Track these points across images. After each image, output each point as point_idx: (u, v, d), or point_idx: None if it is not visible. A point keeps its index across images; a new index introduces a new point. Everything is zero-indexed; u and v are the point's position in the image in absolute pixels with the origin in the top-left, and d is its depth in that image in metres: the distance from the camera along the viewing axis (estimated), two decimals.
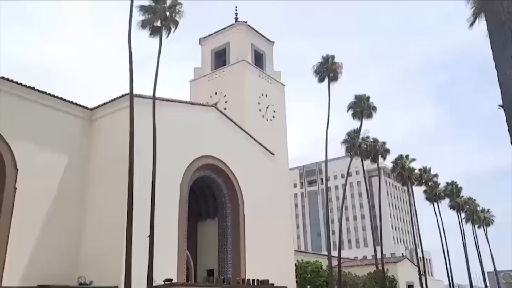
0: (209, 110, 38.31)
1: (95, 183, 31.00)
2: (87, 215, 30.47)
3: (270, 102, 47.51)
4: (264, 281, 34.70)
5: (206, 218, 39.65)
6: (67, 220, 29.54)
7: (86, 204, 30.80)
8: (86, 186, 31.27)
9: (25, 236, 26.91)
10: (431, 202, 73.87)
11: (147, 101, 29.72)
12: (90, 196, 30.91)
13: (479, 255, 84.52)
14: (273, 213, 41.07)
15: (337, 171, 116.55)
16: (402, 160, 63.98)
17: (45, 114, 30.07)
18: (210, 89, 46.92)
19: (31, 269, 26.49)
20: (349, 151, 51.97)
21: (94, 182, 31.15)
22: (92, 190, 30.97)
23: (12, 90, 28.46)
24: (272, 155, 43.71)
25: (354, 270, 58.94)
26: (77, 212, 30.32)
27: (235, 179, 38.10)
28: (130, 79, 26.69)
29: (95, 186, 30.96)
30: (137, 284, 23.69)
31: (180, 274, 30.48)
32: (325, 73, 45.71)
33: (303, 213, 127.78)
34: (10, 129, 27.69)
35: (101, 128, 32.48)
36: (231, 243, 37.09)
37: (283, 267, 40.32)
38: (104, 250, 28.12)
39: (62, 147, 30.51)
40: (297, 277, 45.04)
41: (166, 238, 29.45)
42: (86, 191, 31.17)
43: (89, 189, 31.18)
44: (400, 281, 61.57)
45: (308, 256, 59.37)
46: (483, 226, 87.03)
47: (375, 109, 49.41)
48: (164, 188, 29.38)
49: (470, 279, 79.05)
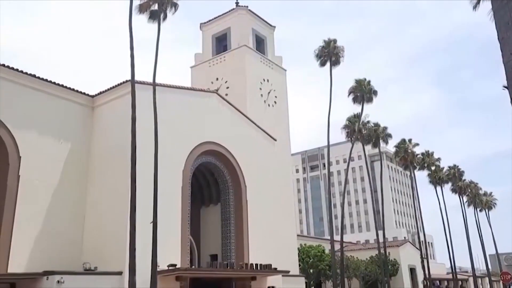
0: (211, 96, 38.19)
1: (98, 170, 31.11)
2: (91, 202, 30.65)
3: (271, 87, 47.31)
4: (267, 266, 35.00)
5: (209, 204, 39.83)
6: (70, 207, 29.74)
7: (89, 191, 30.96)
8: (89, 173, 31.39)
9: (29, 223, 27.13)
10: (434, 186, 74.04)
11: (148, 87, 29.62)
12: (93, 183, 31.05)
13: (481, 238, 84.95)
14: (276, 198, 41.22)
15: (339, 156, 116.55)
16: (405, 145, 63.90)
17: (47, 102, 30.05)
18: (211, 75, 46.70)
19: (36, 255, 26.76)
20: (350, 137, 51.92)
21: (96, 168, 31.26)
22: (95, 177, 31.09)
23: (14, 78, 28.41)
24: (274, 141, 43.68)
25: (356, 254, 59.33)
26: (80, 198, 30.50)
27: (237, 165, 38.15)
28: (131, 65, 26.54)
29: (98, 172, 31.07)
30: (141, 269, 23.91)
31: (184, 259, 30.75)
32: (326, 57, 45.41)
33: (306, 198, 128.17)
34: (12, 117, 27.72)
35: (102, 115, 32.46)
36: (234, 228, 37.30)
37: (286, 251, 40.63)
38: (108, 236, 28.35)
39: (64, 134, 30.56)
40: (299, 261, 45.42)
41: (169, 224, 29.64)
42: (89, 177, 31.30)
43: (92, 175, 31.30)
44: (402, 265, 61.98)
45: (311, 240, 59.69)
46: (485, 210, 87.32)
47: (376, 93, 49.16)
48: (166, 174, 29.45)
49: (472, 261, 79.57)
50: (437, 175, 73.59)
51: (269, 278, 37.04)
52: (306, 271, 45.66)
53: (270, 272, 35.53)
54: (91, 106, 32.95)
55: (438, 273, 79.24)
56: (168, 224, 29.20)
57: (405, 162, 65.09)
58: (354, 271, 53.81)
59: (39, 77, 29.74)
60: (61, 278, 24.22)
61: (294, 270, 41.47)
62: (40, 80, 29.73)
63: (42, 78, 29.88)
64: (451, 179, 77.88)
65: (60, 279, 24.17)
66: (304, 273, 44.85)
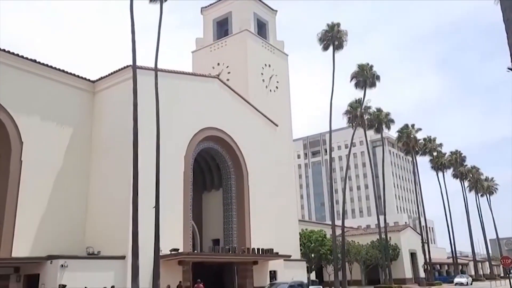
0: (212, 81, 38.03)
1: (100, 155, 31.16)
2: (93, 187, 30.78)
3: (273, 72, 47.05)
4: (269, 250, 35.27)
5: (211, 189, 39.97)
6: (73, 192, 29.88)
7: (92, 176, 31.07)
8: (91, 158, 31.46)
9: (32, 208, 27.30)
10: (436, 171, 74.17)
11: (149, 73, 29.48)
12: (95, 168, 31.14)
13: (481, 222, 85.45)
14: (277, 184, 41.32)
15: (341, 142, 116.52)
16: (408, 130, 63.84)
17: (48, 87, 29.99)
18: (212, 60, 46.42)
19: (40, 240, 26.98)
20: (351, 122, 51.82)
21: (99, 153, 31.30)
22: (97, 162, 31.17)
23: (15, 64, 28.32)
24: (276, 126, 43.62)
25: (358, 238, 59.71)
26: (83, 184, 30.62)
27: (239, 150, 38.18)
28: (132, 50, 26.35)
29: (100, 157, 31.13)
30: (144, 254, 24.12)
31: (186, 243, 30.97)
32: (329, 42, 45.11)
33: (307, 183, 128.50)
34: (14, 103, 27.69)
35: (104, 100, 32.39)
36: (236, 213, 37.48)
37: (287, 236, 40.88)
38: (111, 221, 28.52)
39: (66, 120, 30.56)
40: (301, 246, 45.70)
41: (171, 209, 29.80)
42: (91, 162, 31.38)
43: (94, 160, 31.37)
44: (402, 249, 62.38)
45: (312, 225, 60.04)
46: (486, 195, 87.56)
47: (379, 78, 48.95)
48: (168, 160, 29.50)
49: (472, 246, 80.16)
50: (438, 161, 73.71)
51: (270, 262, 37.36)
52: (307, 256, 45.98)
53: (271, 256, 35.82)
54: (92, 91, 32.86)
55: (438, 258, 79.83)
56: (170, 209, 29.36)
57: (407, 148, 65.15)
58: (355, 255, 54.20)
59: (40, 62, 29.62)
60: (64, 262, 24.49)
61: (296, 255, 41.78)
62: (40, 65, 29.62)
63: (42, 63, 29.77)
64: (453, 164, 77.99)
65: (64, 263, 24.44)
66: (305, 257, 45.18)
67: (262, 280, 34.77)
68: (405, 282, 57.79)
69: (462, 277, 59.89)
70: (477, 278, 73.00)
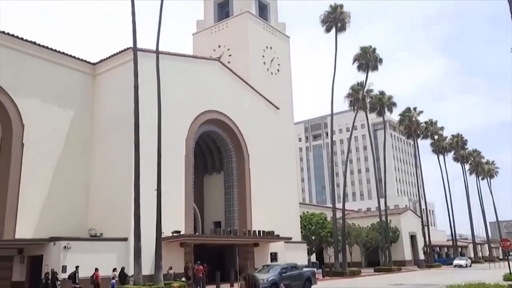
0: (213, 64, 37.79)
1: (101, 137, 31.19)
2: (95, 170, 30.87)
3: (274, 55, 46.66)
4: (270, 232, 35.55)
5: (212, 172, 40.09)
6: (75, 174, 29.99)
7: (93, 159, 31.14)
8: (92, 141, 31.49)
9: (35, 191, 27.44)
10: (437, 155, 74.20)
11: (150, 55, 29.28)
12: (97, 151, 31.19)
13: (482, 206, 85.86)
14: (278, 167, 41.41)
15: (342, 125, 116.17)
16: (410, 113, 63.66)
17: (49, 70, 29.85)
18: (213, 42, 45.99)
19: (43, 222, 27.20)
20: (353, 105, 51.63)
21: (100, 136, 31.32)
22: (99, 144, 31.21)
23: (15, 46, 28.15)
24: (277, 109, 43.49)
25: (358, 221, 60.07)
26: (84, 166, 30.72)
27: (240, 133, 38.16)
28: (133, 31, 26.09)
29: (101, 140, 31.16)
30: (146, 236, 24.31)
31: (188, 226, 31.21)
32: (332, 23, 44.64)
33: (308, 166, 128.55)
34: (14, 85, 27.60)
35: (104, 83, 32.26)
36: (237, 196, 37.66)
37: (288, 219, 41.10)
38: (113, 204, 28.69)
39: (66, 102, 30.50)
40: (302, 229, 45.99)
41: (173, 192, 29.94)
42: (93, 145, 31.42)
43: (95, 143, 31.41)
44: (402, 232, 62.80)
45: (313, 208, 60.30)
46: (486, 178, 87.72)
47: (381, 61, 48.60)
48: (169, 143, 29.53)
49: (472, 229, 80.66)
50: (439, 144, 73.68)
51: (271, 244, 37.69)
52: (308, 238, 46.31)
53: (272, 238, 36.12)
54: (92, 74, 32.71)
55: (438, 240, 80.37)
56: (172, 192, 29.49)
57: (409, 131, 65.07)
58: (355, 238, 54.59)
59: (40, 44, 29.42)
60: (67, 244, 24.71)
61: (296, 237, 42.09)
62: (41, 47, 29.43)
63: (43, 45, 29.57)
64: (454, 147, 77.98)
65: (67, 244, 24.67)
66: (306, 240, 45.51)
67: (263, 262, 35.05)
68: (404, 264, 58.35)
69: (461, 259, 60.38)
70: (476, 260, 73.65)
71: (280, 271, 21.66)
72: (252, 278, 5.82)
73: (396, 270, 47.65)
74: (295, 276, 22.44)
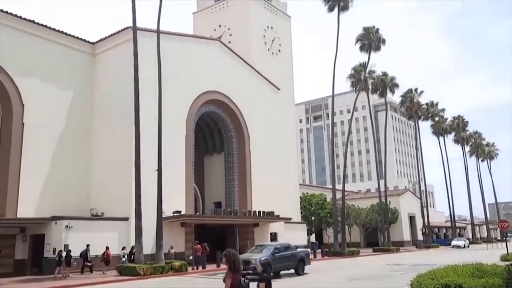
0: (213, 44, 37.45)
1: (102, 117, 31.13)
2: (95, 149, 30.92)
3: (275, 35, 46.19)
4: (270, 213, 35.81)
5: (213, 152, 40.14)
6: (76, 154, 30.04)
7: (94, 138, 31.16)
8: (92, 120, 31.45)
9: (36, 170, 27.52)
10: (437, 136, 74.21)
11: (150, 34, 29.02)
12: (97, 130, 31.18)
13: (481, 187, 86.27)
14: (279, 148, 41.45)
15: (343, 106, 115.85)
16: (411, 94, 63.37)
17: (48, 49, 29.61)
18: (213, 22, 45.48)
19: (44, 201, 27.36)
20: (355, 86, 51.34)
21: (100, 116, 31.27)
22: (99, 124, 31.17)
23: (15, 25, 27.87)
24: (278, 90, 43.29)
25: (358, 202, 60.40)
26: (85, 146, 30.75)
27: (241, 114, 38.08)
28: (132, 9, 25.73)
29: (102, 120, 31.11)
30: (147, 215, 24.50)
31: (188, 206, 31.41)
32: (335, 2, 44.02)
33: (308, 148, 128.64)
34: (14, 65, 27.42)
35: (104, 62, 32.04)
36: (238, 176, 37.80)
37: (288, 199, 41.34)
38: (114, 184, 28.82)
39: (66, 82, 30.35)
40: (301, 209, 46.29)
41: (174, 172, 30.03)
42: (93, 124, 31.39)
43: (96, 122, 31.37)
44: (402, 213, 63.23)
45: (313, 189, 60.58)
46: (486, 159, 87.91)
47: (384, 42, 48.15)
48: (170, 123, 29.50)
49: (471, 210, 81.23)
50: (440, 126, 73.61)
51: (271, 224, 38.01)
52: (307, 219, 46.64)
53: (272, 219, 36.41)
54: (92, 53, 32.46)
55: (437, 221, 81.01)
56: (172, 172, 29.60)
57: (410, 112, 64.89)
58: (354, 218, 54.98)
59: (39, 23, 29.13)
60: (69, 223, 24.92)
61: (296, 218, 42.41)
62: (40, 26, 29.14)
63: (42, 24, 29.28)
64: (455, 129, 77.94)
65: (69, 224, 24.88)
66: (305, 220, 45.86)
67: (263, 242, 35.37)
68: (403, 245, 58.93)
69: (459, 240, 60.94)
70: (474, 241, 74.39)
71: (273, 251, 21.50)
72: (232, 255, 6.17)
73: (394, 250, 48.14)
74: (288, 256, 22.27)
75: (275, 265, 21.30)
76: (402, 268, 24.92)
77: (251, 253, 22.39)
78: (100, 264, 24.57)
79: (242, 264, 6.62)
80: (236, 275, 6.14)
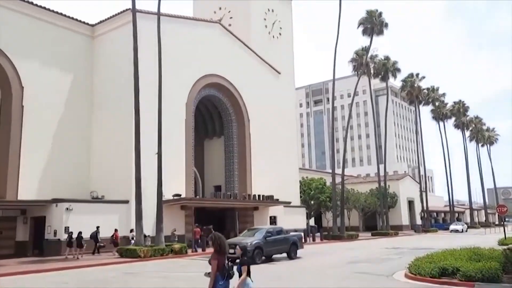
0: (213, 27, 37.12)
1: (102, 100, 31.05)
2: (95, 132, 30.92)
3: (276, 18, 45.73)
4: (269, 197, 35.96)
5: (213, 136, 40.14)
6: (76, 137, 30.06)
7: (94, 121, 31.13)
8: (92, 103, 31.38)
9: (36, 153, 27.58)
10: (437, 121, 74.07)
11: (149, 17, 28.78)
12: (97, 113, 31.13)
13: (480, 172, 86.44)
14: (279, 132, 41.43)
15: (343, 91, 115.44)
16: (412, 79, 63.05)
17: (47, 31, 29.38)
18: (213, 4, 44.98)
19: (45, 184, 27.48)
20: (356, 70, 51.01)
21: (100, 98, 31.18)
22: (99, 107, 31.11)
23: (13, 6, 27.60)
24: (278, 74, 43.07)
25: (357, 187, 60.61)
26: (85, 129, 30.76)
27: (241, 98, 37.95)
28: None
29: (101, 102, 31.04)
30: (147, 198, 24.62)
31: (188, 189, 31.54)
32: None
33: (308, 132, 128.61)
34: (13, 47, 27.24)
35: (104, 45, 31.81)
36: (237, 160, 37.86)
37: (288, 183, 41.47)
38: (114, 167, 28.90)
39: (66, 65, 30.19)
40: (301, 193, 46.47)
41: (174, 155, 30.08)
42: (93, 107, 31.34)
43: (95, 105, 31.31)
44: (401, 197, 63.52)
45: (312, 173, 60.72)
46: (486, 145, 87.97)
47: (387, 26, 47.64)
48: (170, 106, 29.41)
49: (469, 195, 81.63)
50: (440, 111, 73.41)
51: (271, 208, 38.22)
52: (307, 203, 46.84)
53: (271, 202, 36.58)
54: (91, 35, 32.21)
55: (436, 206, 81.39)
56: (172, 156, 29.64)
57: (410, 97, 64.65)
58: (354, 203, 55.24)
59: (38, 5, 28.82)
60: (69, 205, 25.06)
61: (296, 202, 42.60)
62: (39, 7, 28.86)
63: (40, 5, 28.98)
64: (455, 114, 77.76)
65: (69, 206, 25.02)
66: (305, 204, 46.07)
67: (262, 225, 35.65)
68: (401, 229, 59.33)
69: (458, 225, 61.29)
70: (472, 225, 74.89)
71: (265, 234, 21.39)
72: (218, 238, 6.55)
73: (393, 234, 48.50)
74: (281, 240, 22.10)
75: (267, 249, 21.04)
76: (401, 252, 25.12)
77: (243, 237, 22.35)
78: (109, 246, 24.93)
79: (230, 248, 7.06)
80: (221, 258, 6.44)
